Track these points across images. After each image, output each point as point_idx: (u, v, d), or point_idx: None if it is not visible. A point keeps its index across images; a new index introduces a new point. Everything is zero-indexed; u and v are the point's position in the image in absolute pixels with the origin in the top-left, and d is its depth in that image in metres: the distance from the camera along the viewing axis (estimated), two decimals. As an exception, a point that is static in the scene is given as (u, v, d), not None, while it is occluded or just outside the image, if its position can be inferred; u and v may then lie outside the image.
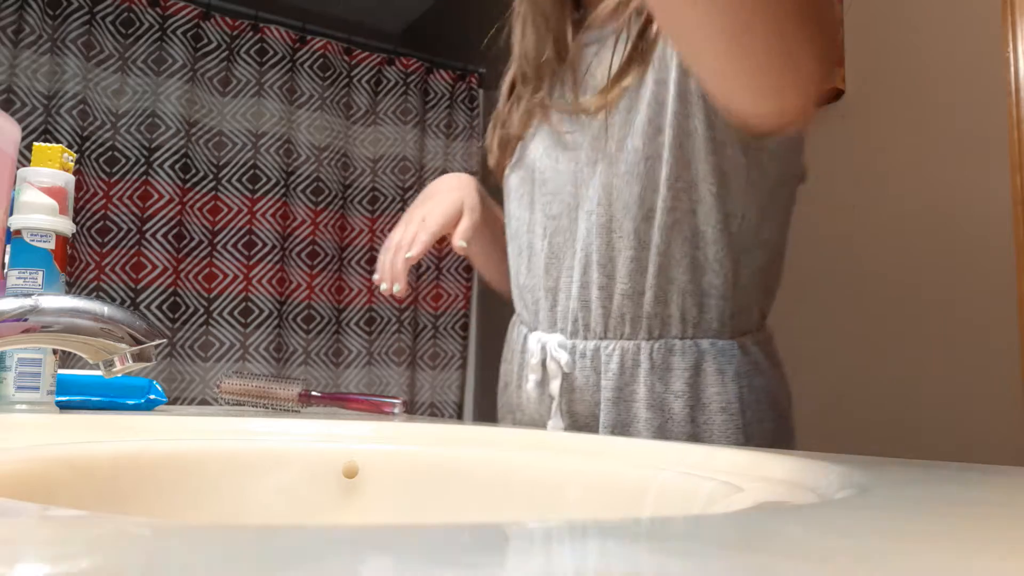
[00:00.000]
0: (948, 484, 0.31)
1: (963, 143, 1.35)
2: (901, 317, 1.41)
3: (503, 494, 0.51)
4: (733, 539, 0.18)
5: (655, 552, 0.16)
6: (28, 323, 0.41)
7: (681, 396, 0.69)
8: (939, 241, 1.37)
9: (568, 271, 0.75)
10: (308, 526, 0.17)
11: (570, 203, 0.75)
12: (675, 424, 0.69)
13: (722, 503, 0.36)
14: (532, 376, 0.76)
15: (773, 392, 0.75)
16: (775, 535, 0.19)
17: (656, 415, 0.69)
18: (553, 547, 0.17)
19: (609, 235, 0.71)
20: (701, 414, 0.70)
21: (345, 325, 2.35)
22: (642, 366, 0.70)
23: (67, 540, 0.16)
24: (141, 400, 0.77)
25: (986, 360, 1.28)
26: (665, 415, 0.69)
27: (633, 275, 0.71)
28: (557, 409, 0.74)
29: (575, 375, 0.73)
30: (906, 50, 1.47)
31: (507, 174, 0.85)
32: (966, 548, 0.18)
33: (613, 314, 0.71)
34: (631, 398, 0.70)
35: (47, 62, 1.99)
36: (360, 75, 2.44)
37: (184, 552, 0.14)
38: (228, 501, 0.50)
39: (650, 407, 0.70)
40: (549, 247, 0.77)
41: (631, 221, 0.70)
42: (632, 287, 0.71)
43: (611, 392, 0.71)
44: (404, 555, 0.15)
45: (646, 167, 0.69)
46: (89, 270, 2.01)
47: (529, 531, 0.19)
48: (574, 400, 0.73)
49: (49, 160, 0.69)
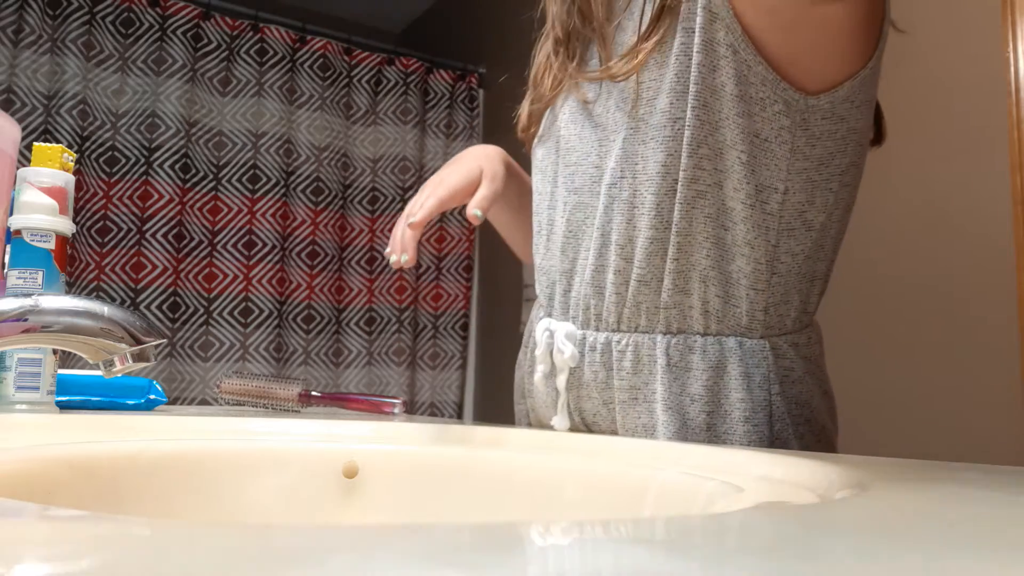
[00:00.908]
0: (948, 484, 0.31)
1: (963, 143, 1.35)
2: (901, 317, 1.41)
3: (503, 494, 0.51)
4: (734, 539, 0.18)
5: (656, 552, 0.16)
6: (28, 323, 0.41)
7: (698, 400, 0.62)
8: (939, 241, 1.37)
9: (585, 252, 0.68)
10: (308, 526, 0.17)
11: (593, 175, 0.67)
12: (690, 432, 0.62)
13: (722, 503, 0.36)
14: (540, 367, 0.70)
15: (810, 404, 0.67)
16: (775, 535, 0.19)
17: (674, 418, 0.62)
18: (553, 547, 0.17)
19: (631, 212, 0.64)
20: (722, 423, 0.62)
21: (345, 325, 2.35)
22: (658, 362, 0.63)
23: (67, 540, 0.16)
24: (141, 400, 0.77)
25: (986, 360, 1.28)
26: (681, 419, 0.62)
27: (652, 258, 0.63)
28: (564, 406, 0.69)
29: (583, 369, 0.67)
30: (906, 50, 1.47)
31: (534, 145, 0.79)
32: (966, 548, 0.18)
33: (628, 303, 0.64)
34: (651, 398, 0.63)
35: (47, 62, 1.99)
36: (360, 75, 2.44)
37: (184, 552, 0.14)
38: (228, 501, 0.50)
39: (668, 408, 0.62)
40: (567, 224, 0.70)
41: (653, 195, 0.62)
42: (650, 272, 0.63)
43: (626, 393, 0.64)
44: (404, 555, 0.15)
45: (673, 130, 0.61)
46: (89, 270, 2.01)
47: (529, 531, 0.19)
48: (581, 397, 0.68)
49: (49, 160, 0.69)
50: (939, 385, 1.34)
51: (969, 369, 1.30)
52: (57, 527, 0.17)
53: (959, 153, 1.36)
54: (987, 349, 1.28)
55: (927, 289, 1.38)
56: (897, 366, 1.41)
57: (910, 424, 1.38)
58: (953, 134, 1.37)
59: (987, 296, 1.29)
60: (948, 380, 1.33)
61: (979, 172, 1.32)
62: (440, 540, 0.16)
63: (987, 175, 1.31)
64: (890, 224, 1.45)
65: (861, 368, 1.47)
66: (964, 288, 1.33)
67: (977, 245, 1.32)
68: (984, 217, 1.31)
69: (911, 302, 1.40)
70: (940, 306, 1.36)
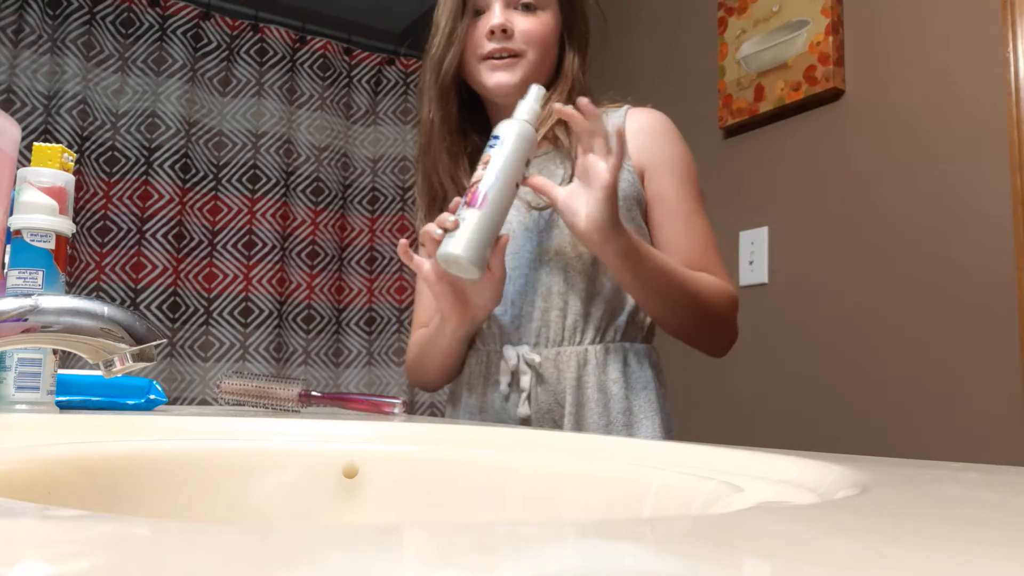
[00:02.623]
0: (948, 484, 0.31)
1: (963, 143, 1.35)
2: (901, 317, 1.41)
3: (502, 494, 0.51)
4: (733, 539, 0.18)
5: (655, 553, 0.16)
6: (28, 323, 0.41)
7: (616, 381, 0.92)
8: (939, 241, 1.37)
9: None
10: (308, 526, 0.17)
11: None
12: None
13: (722, 503, 0.36)
14: (503, 378, 0.92)
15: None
16: (775, 535, 0.19)
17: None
18: (552, 548, 0.17)
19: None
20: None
21: (345, 325, 2.35)
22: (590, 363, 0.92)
23: (67, 540, 0.16)
24: (141, 400, 0.77)
25: (986, 360, 1.28)
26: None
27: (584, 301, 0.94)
28: (525, 399, 0.91)
29: (544, 371, 0.92)
30: (906, 50, 1.47)
31: None
32: (966, 548, 0.18)
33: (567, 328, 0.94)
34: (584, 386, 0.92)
35: (47, 62, 1.99)
36: (360, 75, 2.44)
37: (184, 552, 0.14)
38: (228, 501, 0.50)
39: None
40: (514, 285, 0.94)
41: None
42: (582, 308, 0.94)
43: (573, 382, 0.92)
44: (404, 555, 0.15)
45: None
46: (89, 270, 2.01)
47: (528, 531, 0.19)
48: (541, 391, 0.92)
49: (49, 160, 0.69)
50: (939, 385, 1.34)
51: (969, 369, 1.30)
52: (57, 527, 0.17)
53: (959, 153, 1.36)
54: (987, 349, 1.28)
55: (927, 289, 1.38)
56: (897, 366, 1.41)
57: (910, 424, 1.38)
58: (953, 134, 1.37)
59: (987, 296, 1.29)
60: (948, 380, 1.33)
61: (979, 172, 1.32)
62: (440, 540, 0.16)
63: (987, 175, 1.31)
64: (890, 224, 1.45)
65: (861, 368, 1.47)
66: (964, 288, 1.33)
67: (977, 245, 1.32)
68: (984, 217, 1.31)
69: (911, 302, 1.40)
70: (940, 306, 1.36)
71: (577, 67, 0.97)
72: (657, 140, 0.95)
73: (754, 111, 1.69)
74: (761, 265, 1.65)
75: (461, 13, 0.93)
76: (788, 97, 1.62)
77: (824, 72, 1.55)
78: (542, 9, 0.94)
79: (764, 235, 1.67)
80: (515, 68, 0.92)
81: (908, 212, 1.42)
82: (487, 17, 0.92)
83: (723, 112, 1.77)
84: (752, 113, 1.70)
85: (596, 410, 0.90)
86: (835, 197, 1.55)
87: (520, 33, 0.92)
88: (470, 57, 0.94)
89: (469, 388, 0.98)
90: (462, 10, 0.93)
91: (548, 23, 0.94)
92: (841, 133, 1.56)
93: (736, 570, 0.15)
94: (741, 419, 1.67)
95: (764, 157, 1.71)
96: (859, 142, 1.52)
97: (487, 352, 0.96)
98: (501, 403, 0.93)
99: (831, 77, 1.54)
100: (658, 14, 2.04)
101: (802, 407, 1.56)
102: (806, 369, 1.55)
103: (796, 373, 1.57)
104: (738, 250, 1.70)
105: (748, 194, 1.71)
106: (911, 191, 1.42)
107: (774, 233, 1.66)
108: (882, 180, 1.47)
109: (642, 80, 2.04)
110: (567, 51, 0.97)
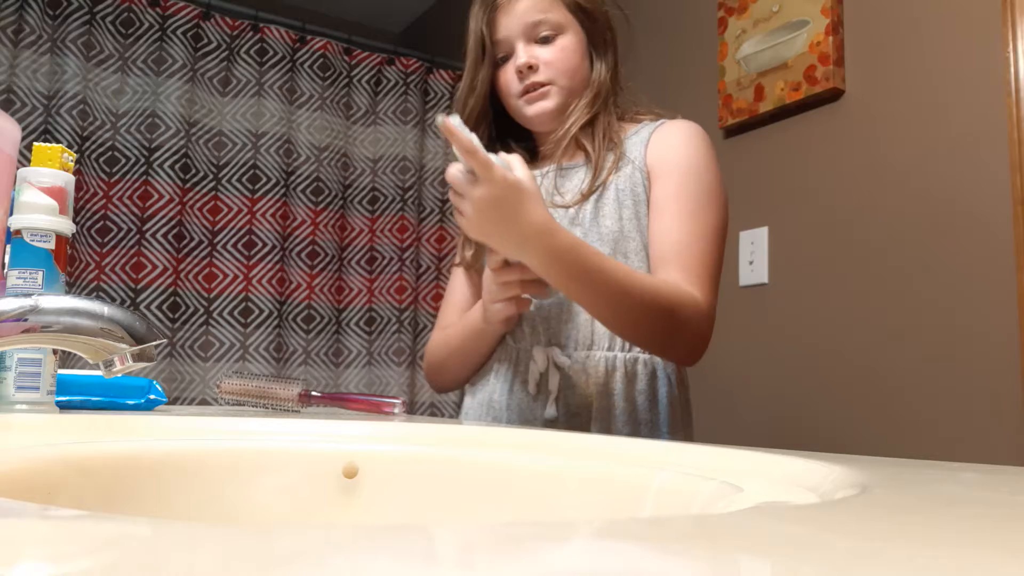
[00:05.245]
0: (947, 484, 0.31)
1: (963, 143, 1.35)
2: (901, 316, 1.41)
3: (503, 494, 0.51)
4: (733, 540, 0.18)
5: (655, 553, 0.16)
6: (28, 323, 0.41)
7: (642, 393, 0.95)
8: (939, 241, 1.37)
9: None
10: (308, 526, 0.17)
11: None
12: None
13: (722, 503, 0.36)
14: (532, 379, 0.95)
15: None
16: (775, 535, 0.19)
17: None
18: (552, 548, 0.17)
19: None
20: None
21: (345, 325, 2.35)
22: (618, 372, 0.94)
23: (67, 540, 0.16)
24: (141, 400, 0.77)
25: (986, 360, 1.28)
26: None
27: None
28: (553, 401, 0.93)
29: (571, 374, 0.94)
30: (906, 50, 1.47)
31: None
32: (966, 548, 0.18)
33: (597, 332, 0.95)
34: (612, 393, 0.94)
35: (47, 62, 1.99)
36: (360, 75, 2.44)
37: (184, 552, 0.14)
38: (228, 501, 0.50)
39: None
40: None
41: None
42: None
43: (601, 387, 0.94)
44: (404, 555, 0.15)
45: None
46: (89, 270, 2.01)
47: (528, 532, 0.19)
48: (571, 393, 0.94)
49: (49, 160, 0.69)
50: (939, 385, 1.34)
51: (969, 369, 1.30)
52: (57, 527, 0.17)
53: (959, 153, 1.36)
54: (987, 349, 1.28)
55: (927, 288, 1.38)
56: (897, 366, 1.41)
57: (910, 424, 1.38)
58: (953, 134, 1.37)
59: (987, 296, 1.29)
60: (948, 380, 1.33)
61: (979, 172, 1.32)
62: (440, 540, 0.16)
63: (987, 175, 1.31)
64: (890, 224, 1.45)
65: (861, 368, 1.47)
66: (964, 288, 1.33)
67: (977, 245, 1.32)
68: (984, 217, 1.31)
69: (911, 301, 1.40)
70: (940, 305, 1.36)
71: (604, 75, 1.02)
72: (670, 142, 0.98)
73: (754, 111, 1.69)
74: (761, 265, 1.65)
75: (481, 62, 1.01)
76: (788, 97, 1.62)
77: (824, 72, 1.55)
78: (562, 34, 1.00)
79: (764, 235, 1.67)
80: (549, 96, 0.99)
81: (908, 212, 1.42)
82: (514, 59, 1.00)
83: (723, 112, 1.77)
84: (752, 113, 1.70)
85: (622, 418, 0.93)
86: (835, 197, 1.55)
87: (544, 65, 0.99)
88: (508, 97, 1.02)
89: (495, 384, 0.99)
90: (482, 59, 1.01)
91: (569, 46, 1.00)
92: (841, 133, 1.55)
93: (735, 570, 0.15)
94: (741, 419, 1.67)
95: (764, 157, 1.71)
96: (859, 142, 1.52)
97: (516, 350, 0.98)
98: (529, 403, 0.95)
99: (831, 77, 1.54)
100: (658, 14, 2.04)
101: (802, 407, 1.56)
102: (806, 369, 1.55)
103: (796, 373, 1.57)
104: (738, 250, 1.70)
105: (748, 194, 1.71)
106: (911, 191, 1.42)
107: (774, 233, 1.66)
108: (882, 180, 1.47)
109: (642, 80, 2.04)
110: (595, 61, 1.03)
